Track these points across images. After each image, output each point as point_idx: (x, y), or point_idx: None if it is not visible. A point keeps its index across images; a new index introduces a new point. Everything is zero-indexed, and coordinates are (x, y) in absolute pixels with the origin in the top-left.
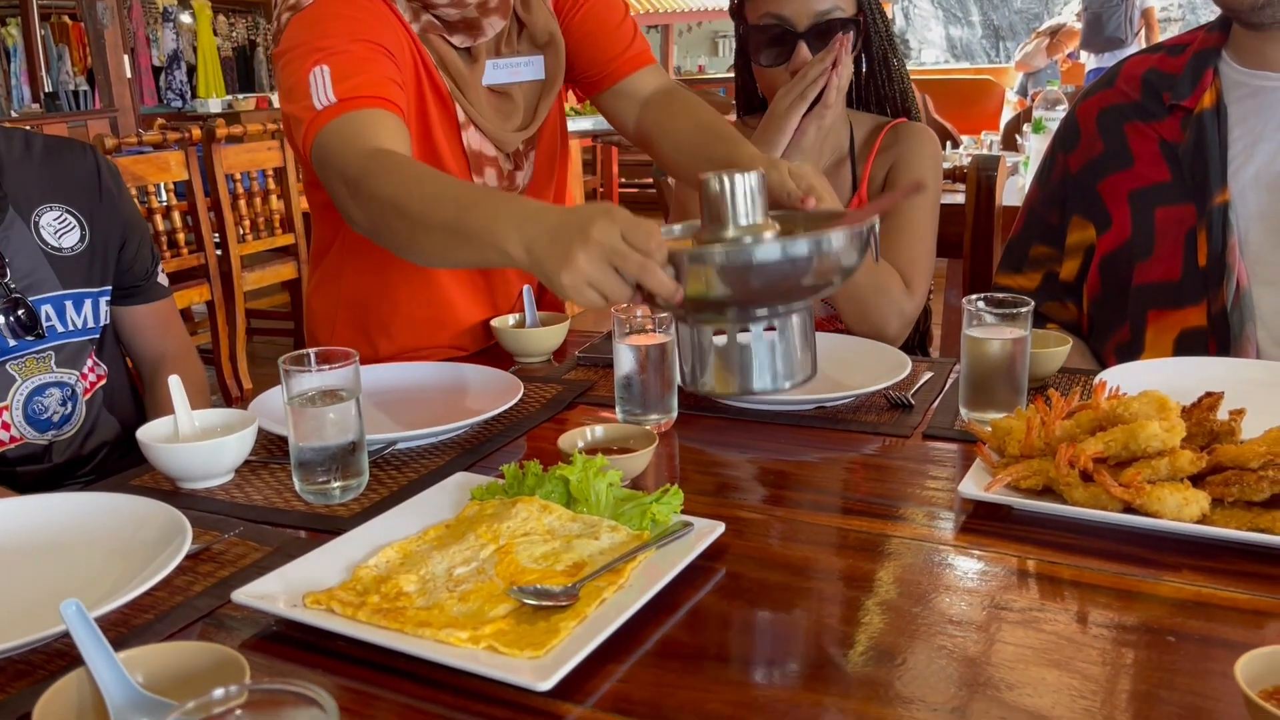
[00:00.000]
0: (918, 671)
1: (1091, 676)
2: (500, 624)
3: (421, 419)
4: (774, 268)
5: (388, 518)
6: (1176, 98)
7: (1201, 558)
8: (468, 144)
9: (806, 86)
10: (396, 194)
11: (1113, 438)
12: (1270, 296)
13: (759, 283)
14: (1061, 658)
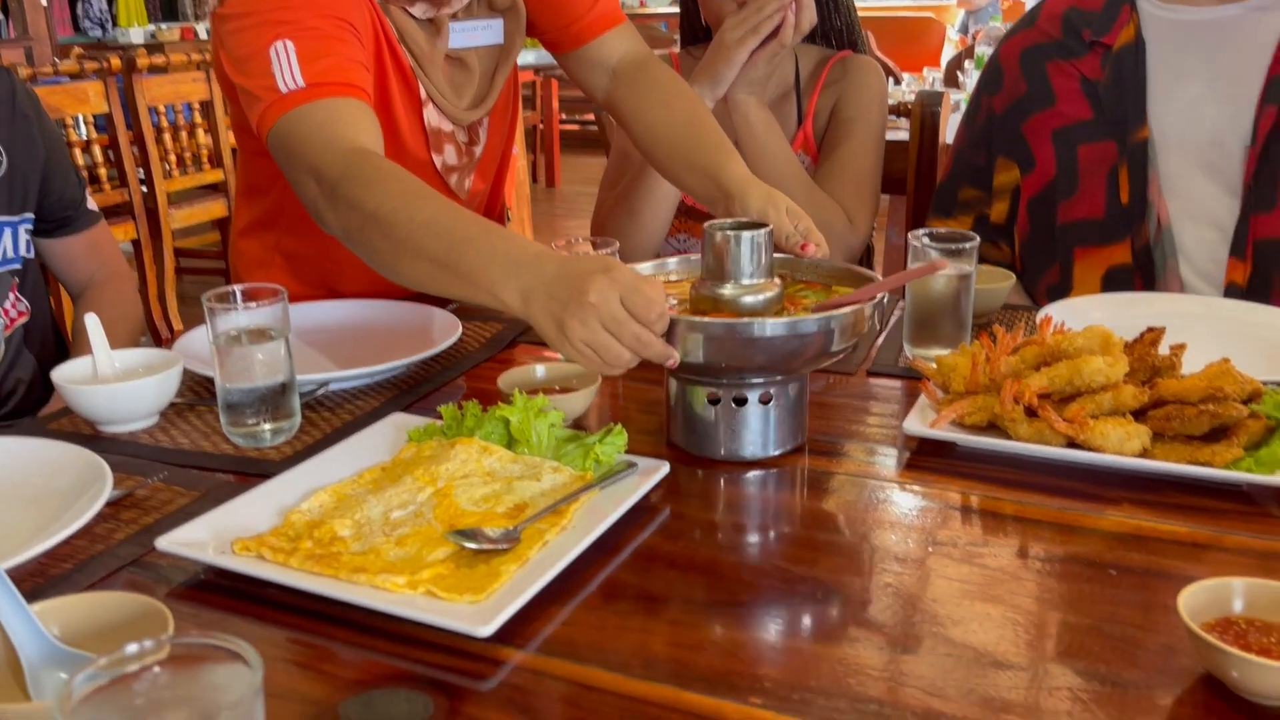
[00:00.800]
0: (862, 609)
1: (1034, 611)
2: (439, 568)
3: (356, 358)
4: (779, 344)
5: (321, 460)
6: (1096, 34)
7: (1143, 491)
8: (428, 120)
9: (761, 21)
10: (381, 210)
11: (1057, 373)
12: (1192, 231)
13: (761, 357)
14: (1004, 593)
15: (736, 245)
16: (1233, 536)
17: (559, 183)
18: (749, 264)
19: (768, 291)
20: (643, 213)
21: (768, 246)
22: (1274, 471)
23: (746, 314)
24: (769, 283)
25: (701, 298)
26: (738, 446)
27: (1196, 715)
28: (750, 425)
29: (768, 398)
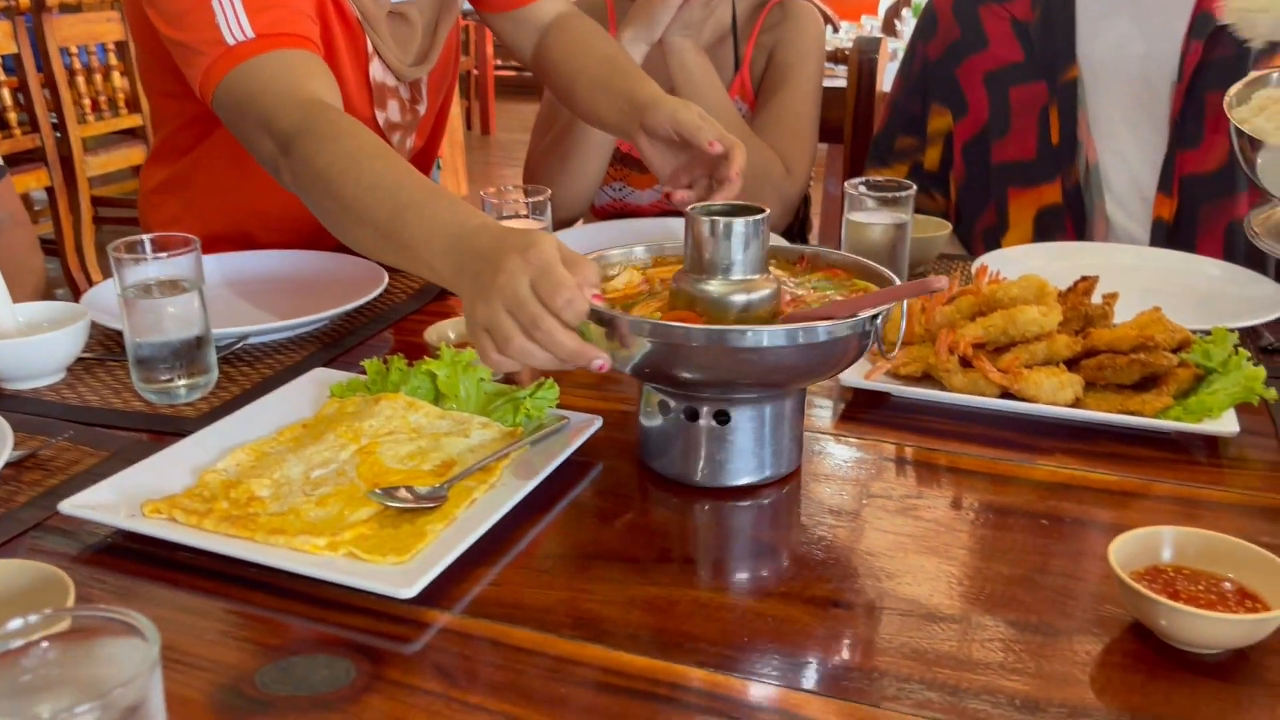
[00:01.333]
0: (797, 563)
1: (968, 562)
2: (361, 529)
3: (277, 311)
4: (753, 357)
5: (239, 418)
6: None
7: (1075, 440)
8: (373, 75)
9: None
10: (330, 170)
11: (992, 323)
12: (1120, 170)
13: (730, 371)
14: (939, 544)
15: (724, 233)
16: (1162, 485)
17: (494, 130)
18: (739, 255)
19: (761, 289)
20: (575, 159)
21: (763, 234)
22: (1201, 420)
23: (735, 316)
24: (763, 278)
25: (681, 294)
26: (719, 473)
27: (1126, 663)
28: (741, 445)
29: (724, 416)
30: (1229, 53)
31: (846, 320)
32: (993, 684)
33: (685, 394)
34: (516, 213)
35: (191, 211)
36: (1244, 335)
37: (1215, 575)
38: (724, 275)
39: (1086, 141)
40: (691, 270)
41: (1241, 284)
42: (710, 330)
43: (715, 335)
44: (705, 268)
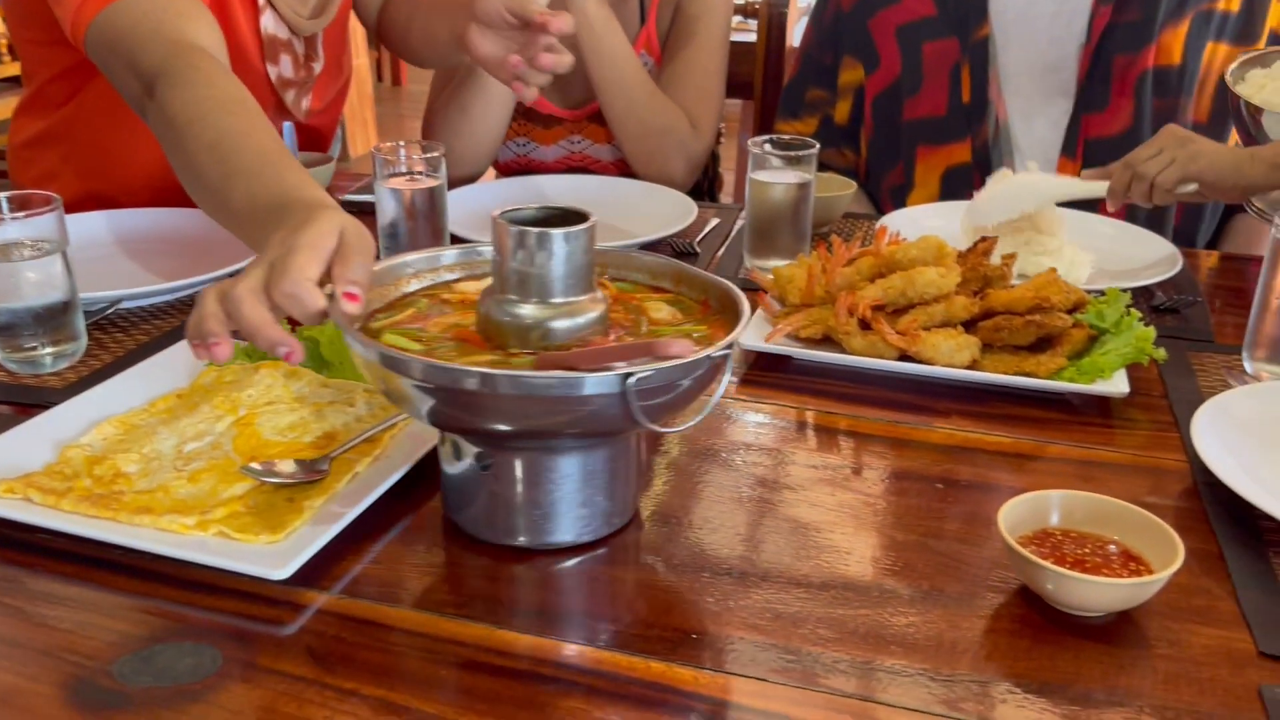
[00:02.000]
0: (694, 533)
1: (864, 529)
2: (234, 506)
3: (158, 273)
4: (469, 400)
5: (107, 388)
6: None
7: (971, 402)
8: (264, 27)
9: None
10: (178, 119)
11: (890, 284)
12: (1028, 129)
13: (457, 413)
14: (836, 512)
15: (542, 248)
16: (1054, 446)
17: (405, 81)
18: (561, 274)
19: (587, 312)
20: (474, 111)
21: (587, 245)
22: (1094, 380)
23: (555, 345)
24: (589, 300)
25: (490, 321)
26: (540, 533)
27: (1013, 628)
28: (559, 505)
29: (485, 459)
30: (1136, 17)
31: (573, 375)
32: (883, 650)
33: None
34: (411, 169)
35: (69, 167)
36: (1138, 295)
37: (1101, 538)
38: (541, 298)
39: (997, 101)
40: (501, 290)
41: (1138, 244)
42: (429, 364)
43: (428, 368)
44: (509, 286)
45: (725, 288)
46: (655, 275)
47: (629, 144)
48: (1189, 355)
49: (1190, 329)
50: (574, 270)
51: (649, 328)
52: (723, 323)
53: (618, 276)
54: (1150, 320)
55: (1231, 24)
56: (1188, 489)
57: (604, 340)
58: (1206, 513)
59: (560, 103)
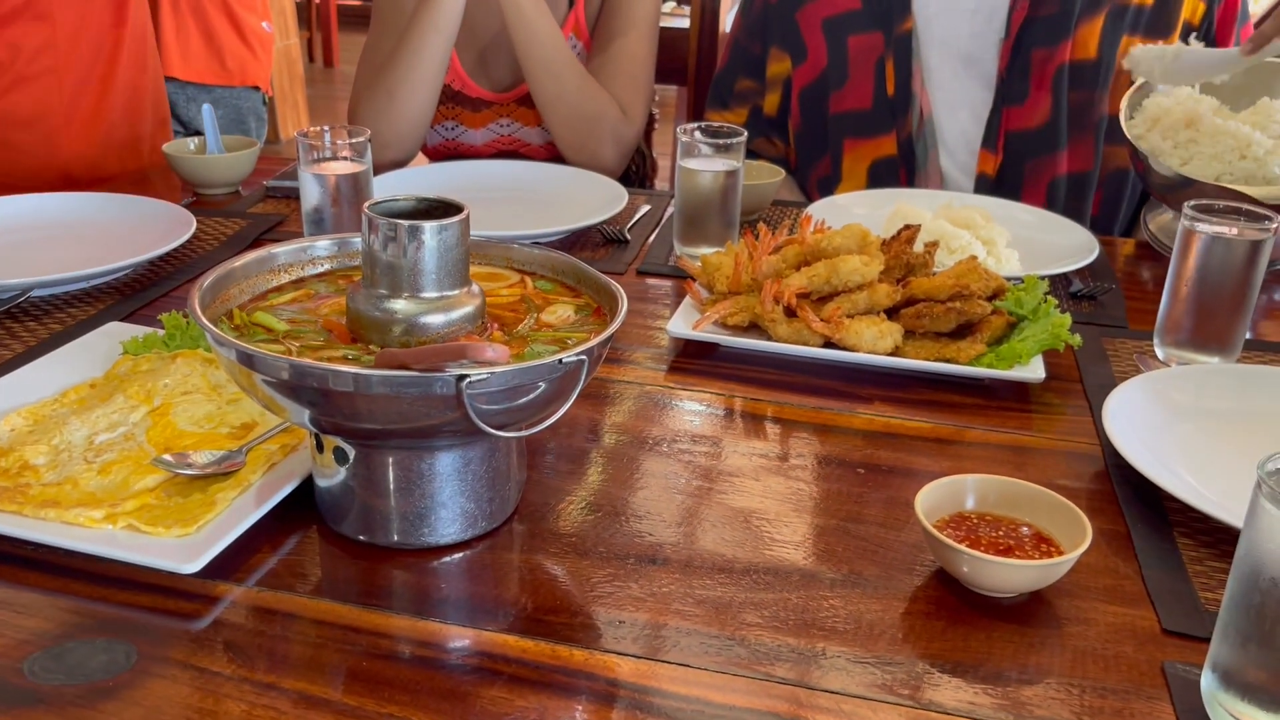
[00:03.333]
0: (621, 521)
1: (785, 514)
2: (145, 498)
3: (69, 260)
4: (313, 395)
5: (17, 378)
6: None
7: (894, 389)
8: None
9: None
10: None
11: (815, 273)
12: (952, 123)
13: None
14: (759, 499)
15: (412, 241)
16: (973, 431)
17: (338, 63)
18: (431, 268)
19: (461, 306)
20: (401, 96)
21: (461, 240)
22: (1012, 366)
23: (421, 341)
24: (463, 294)
25: (360, 316)
26: (389, 529)
27: (929, 610)
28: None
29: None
30: (1054, 10)
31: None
32: (803, 638)
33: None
34: (336, 154)
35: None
36: (1056, 282)
37: (1015, 520)
38: (413, 292)
39: (920, 94)
40: (371, 285)
41: (1056, 231)
42: (243, 350)
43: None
44: (379, 280)
45: (610, 292)
46: (557, 271)
47: (559, 129)
48: (1104, 341)
49: (1105, 315)
50: (445, 264)
51: (532, 329)
52: (604, 329)
53: (540, 274)
54: (1067, 307)
55: (1146, 17)
56: (1099, 472)
57: (472, 338)
58: (1116, 494)
59: (488, 85)
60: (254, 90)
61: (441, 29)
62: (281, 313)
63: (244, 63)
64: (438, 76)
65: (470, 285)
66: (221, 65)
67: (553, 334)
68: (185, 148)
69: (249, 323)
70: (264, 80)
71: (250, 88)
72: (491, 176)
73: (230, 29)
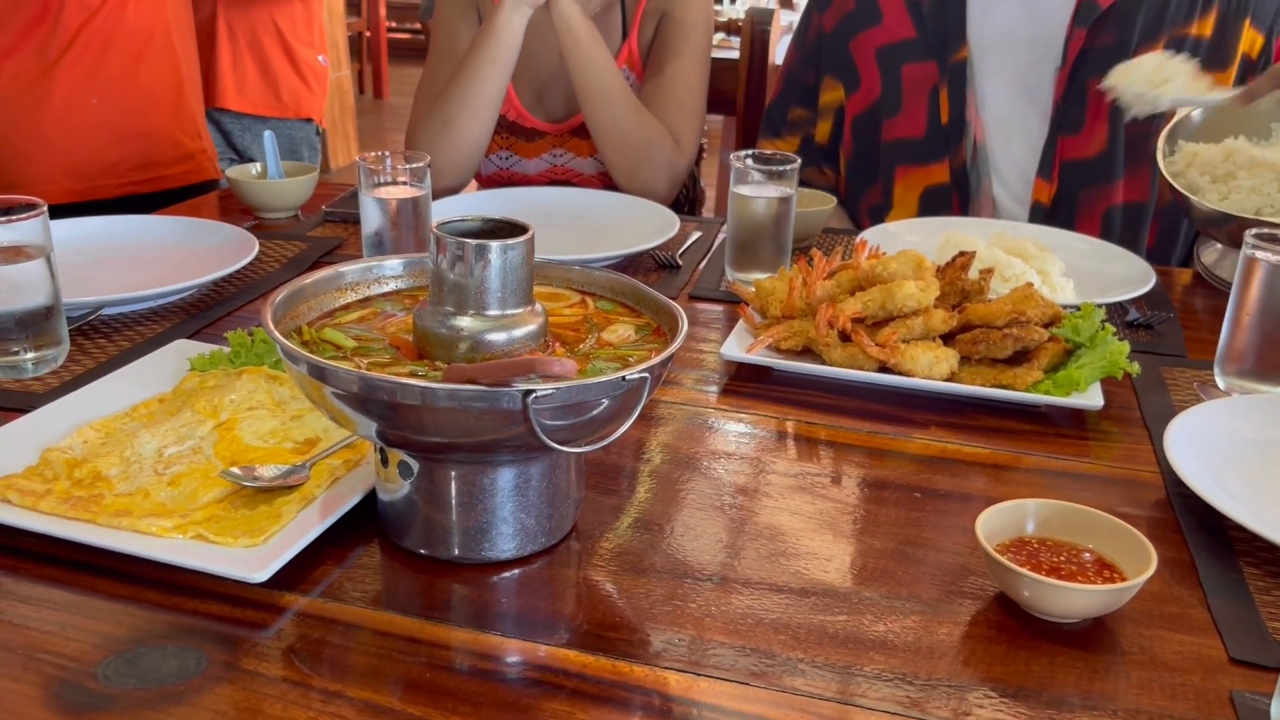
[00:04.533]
0: (677, 541)
1: (844, 537)
2: (213, 509)
3: (139, 280)
4: (385, 409)
5: (90, 392)
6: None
7: (949, 414)
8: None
9: None
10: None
11: (871, 298)
12: (1006, 151)
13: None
14: (815, 520)
15: (479, 261)
16: (1030, 457)
17: (387, 95)
18: (497, 286)
19: (525, 325)
20: (458, 125)
21: (526, 259)
22: (1069, 393)
23: (492, 356)
24: (527, 313)
25: (427, 333)
26: (475, 544)
27: (990, 634)
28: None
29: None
30: (1111, 41)
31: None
32: (862, 656)
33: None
34: (395, 179)
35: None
36: (1113, 311)
37: (1076, 546)
38: (479, 310)
39: (974, 122)
40: (438, 303)
41: (1112, 261)
42: (314, 362)
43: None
44: (445, 297)
45: (671, 313)
46: (617, 292)
47: (613, 157)
48: (1162, 370)
49: (1164, 344)
50: (510, 282)
51: (593, 348)
52: (665, 349)
53: (600, 295)
54: (1124, 335)
55: (1204, 49)
56: (1160, 500)
57: (536, 354)
58: (1179, 523)
59: (544, 117)
60: (307, 122)
61: (499, 61)
62: (349, 330)
63: (299, 95)
64: (494, 107)
65: (534, 304)
66: (277, 98)
67: (614, 352)
68: (248, 173)
69: (318, 339)
70: (318, 112)
71: (304, 119)
72: (545, 203)
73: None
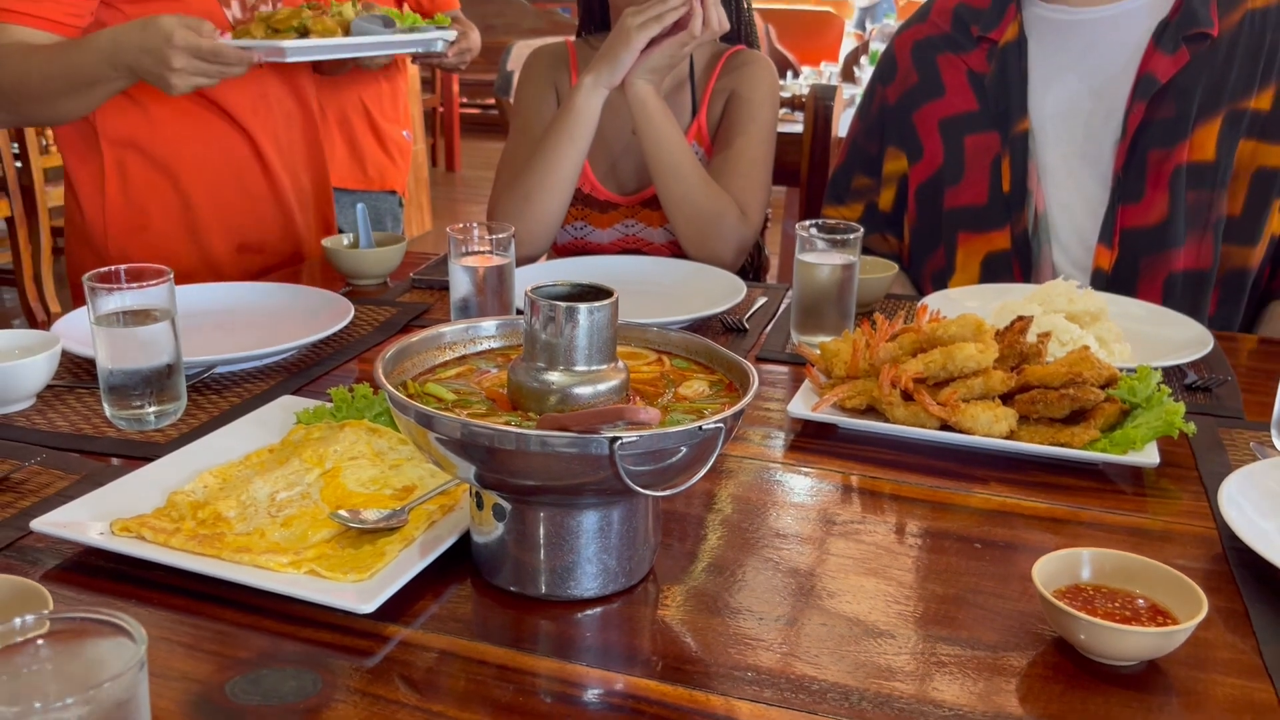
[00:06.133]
0: (748, 583)
1: (906, 583)
2: (323, 548)
3: (245, 341)
4: (480, 454)
5: (207, 442)
6: (984, 30)
7: (1008, 471)
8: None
9: (666, 10)
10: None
11: (932, 359)
12: (1066, 219)
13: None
14: (879, 566)
15: (569, 321)
16: (1088, 512)
17: (459, 167)
18: (584, 345)
19: (609, 380)
20: (537, 198)
21: (611, 320)
22: (1126, 451)
23: (579, 408)
24: (610, 369)
25: (520, 387)
26: (560, 583)
27: (1047, 675)
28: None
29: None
30: (1171, 114)
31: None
32: (925, 694)
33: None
34: (481, 248)
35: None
36: (1170, 374)
37: (1130, 593)
38: (567, 366)
39: (1035, 191)
40: (530, 359)
41: (1170, 325)
42: (420, 410)
43: (423, 417)
44: (538, 354)
45: (743, 370)
46: (691, 351)
47: (683, 227)
48: (1219, 431)
49: (1221, 406)
50: (595, 341)
51: (671, 401)
52: (737, 402)
53: (675, 353)
54: (1181, 397)
55: (1263, 121)
56: (1216, 554)
57: (637, 400)
58: (1233, 575)
59: (616, 189)
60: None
61: (576, 140)
62: (449, 384)
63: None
64: (571, 182)
65: (616, 361)
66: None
67: (690, 405)
68: (341, 243)
69: (421, 392)
70: (401, 184)
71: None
72: (618, 270)
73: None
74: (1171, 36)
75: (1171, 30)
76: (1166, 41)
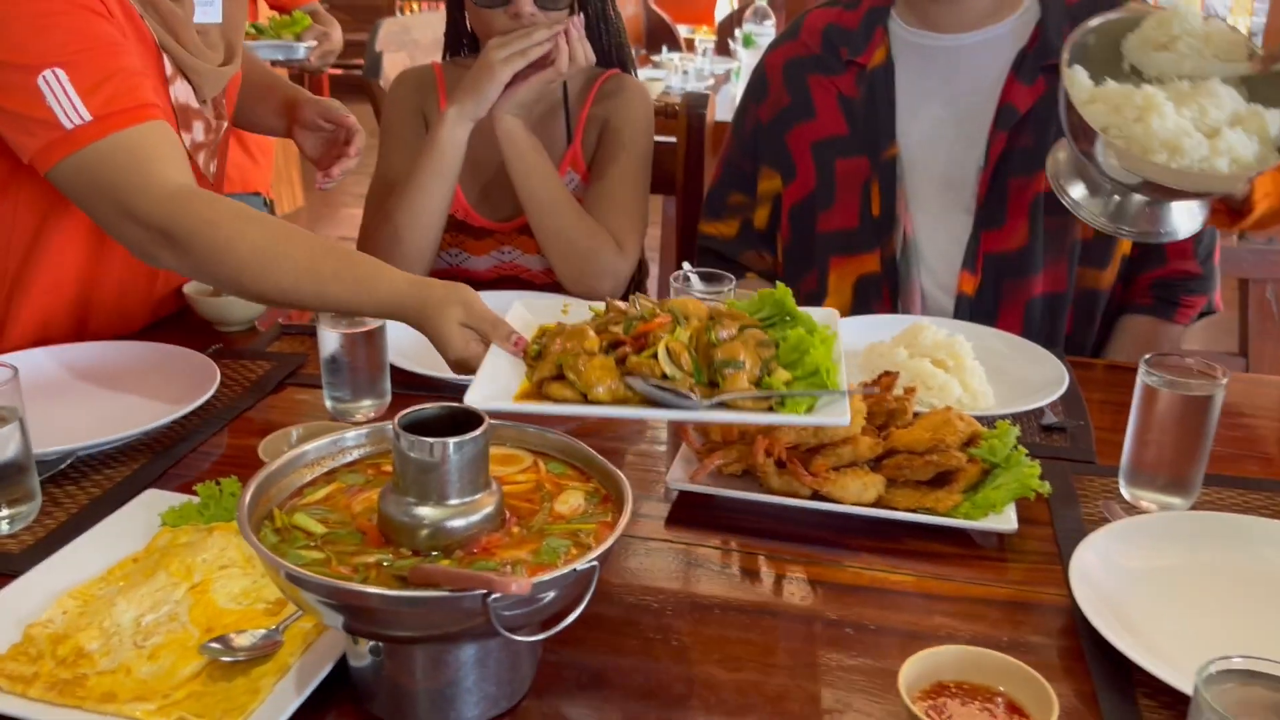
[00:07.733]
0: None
1: (781, 678)
2: (193, 686)
3: (103, 413)
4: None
5: (65, 556)
6: (853, 54)
7: (879, 539)
8: (175, 98)
9: (530, 46)
10: (250, 261)
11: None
12: (932, 245)
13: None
14: (758, 660)
15: (438, 455)
16: (952, 583)
17: None
18: (455, 478)
19: (482, 509)
20: (408, 236)
21: (483, 450)
22: (986, 514)
23: (447, 543)
24: (484, 496)
25: (390, 521)
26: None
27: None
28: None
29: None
30: (1030, 143)
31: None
32: None
33: None
34: None
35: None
36: (1030, 415)
37: (991, 690)
38: (439, 499)
39: (904, 216)
40: (398, 493)
41: (1030, 362)
42: (293, 572)
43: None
44: (407, 487)
45: (618, 485)
46: (567, 454)
47: (558, 262)
48: (1073, 479)
49: (1076, 448)
50: (468, 473)
51: (546, 522)
52: (614, 521)
53: (552, 455)
54: (1040, 438)
55: None
56: (1067, 626)
57: (493, 537)
58: (1084, 652)
59: (490, 215)
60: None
61: (444, 174)
62: (315, 512)
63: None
64: (441, 216)
65: (490, 485)
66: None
67: (565, 526)
68: (203, 288)
69: (289, 525)
70: (265, 186)
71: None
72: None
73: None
74: (1030, 67)
75: (1030, 60)
76: (1025, 72)
